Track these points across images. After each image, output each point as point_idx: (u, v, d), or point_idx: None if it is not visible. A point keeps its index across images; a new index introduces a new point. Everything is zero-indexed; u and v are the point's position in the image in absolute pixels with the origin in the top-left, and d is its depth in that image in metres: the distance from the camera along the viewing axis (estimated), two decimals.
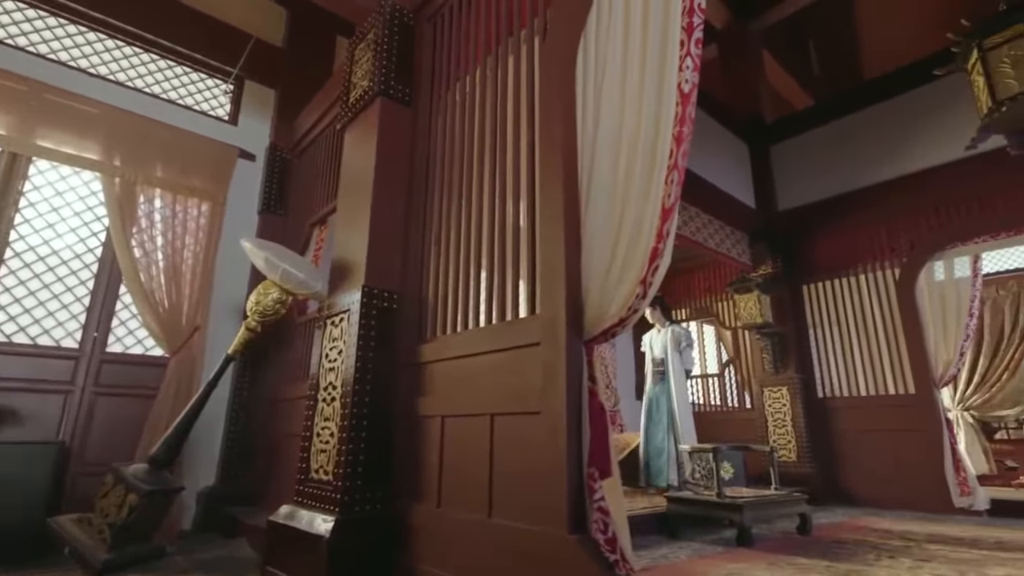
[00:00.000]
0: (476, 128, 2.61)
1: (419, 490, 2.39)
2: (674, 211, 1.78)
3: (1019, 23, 3.05)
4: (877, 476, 4.74)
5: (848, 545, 3.17)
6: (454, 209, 2.63)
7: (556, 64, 2.17)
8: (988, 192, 4.49)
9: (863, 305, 5.08)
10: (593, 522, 1.70)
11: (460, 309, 2.44)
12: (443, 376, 2.42)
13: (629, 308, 1.82)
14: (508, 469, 1.99)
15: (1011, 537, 3.33)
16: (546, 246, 2.01)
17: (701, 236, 5.25)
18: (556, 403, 1.82)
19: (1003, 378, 5.54)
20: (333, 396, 2.60)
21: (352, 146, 3.13)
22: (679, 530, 3.58)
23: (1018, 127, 3.26)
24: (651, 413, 4.61)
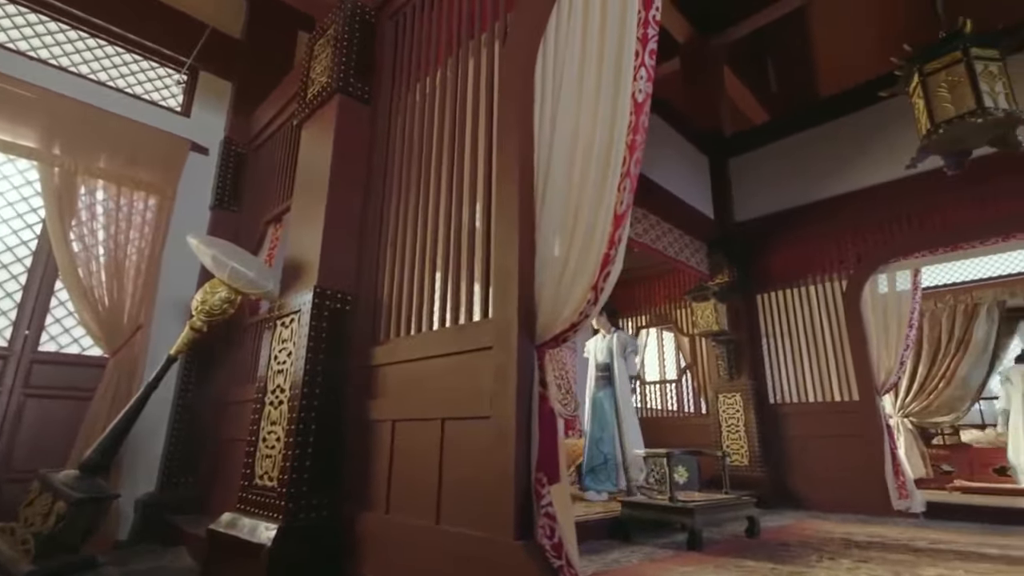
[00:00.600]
0: (435, 129, 2.58)
1: (368, 496, 2.33)
2: (626, 218, 1.80)
3: (956, 51, 3.23)
4: (823, 480, 4.91)
5: (793, 547, 3.26)
6: (411, 210, 2.59)
7: (515, 68, 2.17)
8: (928, 210, 4.74)
9: (813, 315, 5.27)
10: (540, 527, 1.69)
11: (414, 312, 2.41)
12: (395, 379, 2.38)
13: (580, 313, 1.82)
14: (457, 474, 1.97)
15: (943, 538, 3.49)
16: (500, 250, 2.00)
17: (661, 244, 5.35)
18: (506, 408, 1.80)
19: (940, 386, 5.84)
20: (281, 399, 2.52)
21: (309, 143, 3.06)
22: (633, 534, 3.62)
23: (954, 149, 3.46)
24: (596, 418, 4.61)
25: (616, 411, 4.52)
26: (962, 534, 3.66)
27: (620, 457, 4.38)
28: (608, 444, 4.41)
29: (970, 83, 3.13)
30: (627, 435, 4.45)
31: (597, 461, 4.39)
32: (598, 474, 4.37)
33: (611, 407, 4.53)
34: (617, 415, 4.51)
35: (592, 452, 4.44)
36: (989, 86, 3.12)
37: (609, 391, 4.61)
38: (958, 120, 3.14)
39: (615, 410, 4.52)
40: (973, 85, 3.12)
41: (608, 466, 4.35)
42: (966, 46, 3.18)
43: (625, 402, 4.58)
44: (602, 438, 4.44)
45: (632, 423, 4.56)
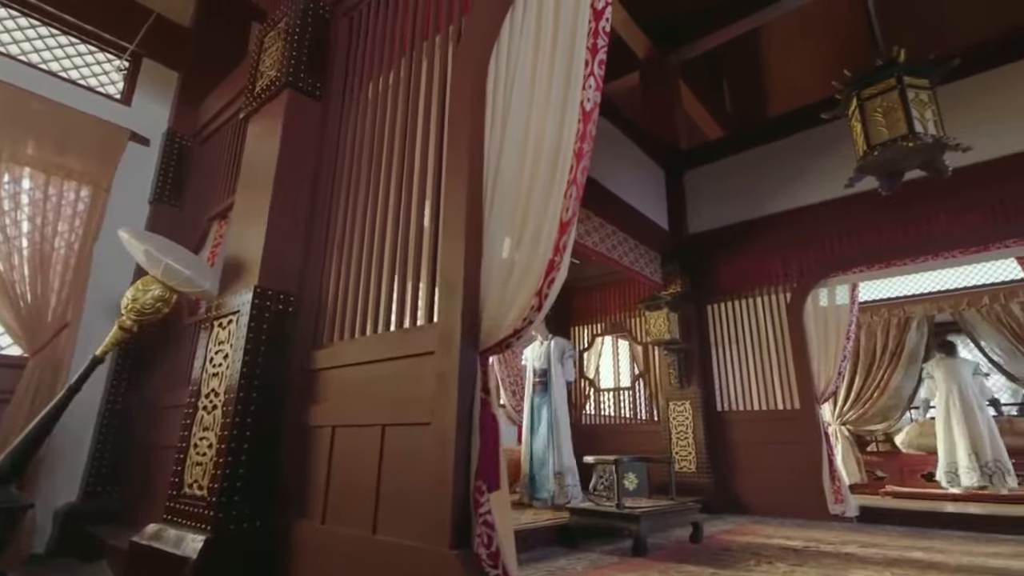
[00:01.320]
0: (386, 130, 2.53)
1: (304, 505, 2.24)
2: (572, 225, 1.81)
3: (890, 78, 3.42)
4: (765, 485, 5.07)
5: (734, 551, 3.34)
6: (359, 211, 2.53)
7: (467, 71, 2.16)
8: (865, 228, 4.99)
9: (759, 325, 5.45)
10: (477, 536, 1.66)
11: (359, 314, 2.34)
12: (337, 384, 2.31)
13: (524, 319, 1.81)
14: (396, 482, 1.92)
15: (874, 541, 3.66)
16: (447, 254, 1.97)
17: (617, 253, 5.44)
18: (447, 414, 1.77)
19: (874, 396, 6.14)
20: (215, 404, 2.40)
21: (255, 137, 2.95)
22: (580, 541, 3.63)
23: (887, 171, 3.65)
24: (533, 425, 4.56)
25: (552, 418, 4.48)
26: (891, 537, 3.84)
27: (554, 464, 4.34)
28: (546, 451, 4.39)
29: (903, 109, 3.31)
30: (562, 441, 4.43)
31: (536, 468, 4.37)
32: (537, 481, 4.34)
33: (548, 414, 4.50)
34: (553, 421, 4.47)
35: (533, 459, 4.42)
36: (920, 113, 3.31)
37: (546, 397, 4.58)
38: (891, 144, 3.32)
39: (551, 417, 4.48)
40: (905, 111, 3.30)
41: (544, 473, 4.32)
42: (900, 74, 3.36)
43: (561, 409, 4.56)
44: (540, 445, 4.42)
45: (565, 430, 4.53)
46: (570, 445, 4.51)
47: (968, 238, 4.46)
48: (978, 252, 4.50)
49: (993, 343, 5.62)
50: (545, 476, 4.29)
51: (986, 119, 4.42)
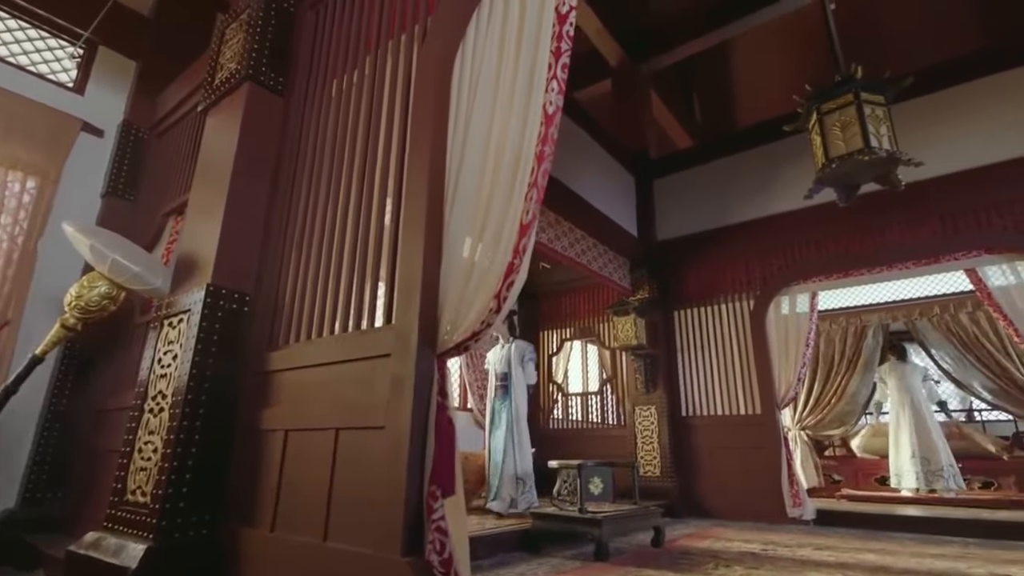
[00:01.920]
0: (349, 128, 2.49)
1: (254, 512, 2.17)
2: (531, 228, 1.80)
3: (848, 94, 3.53)
4: (727, 489, 5.15)
5: (694, 555, 3.38)
6: (319, 210, 2.47)
7: (432, 71, 2.13)
8: (825, 238, 5.13)
9: (724, 332, 5.55)
10: (430, 543, 1.63)
11: (316, 315, 2.28)
12: (291, 387, 2.24)
13: (483, 322, 1.79)
14: (349, 488, 1.86)
15: (828, 544, 3.74)
16: (406, 254, 1.94)
17: (586, 258, 5.46)
18: (401, 418, 1.73)
19: (832, 401, 6.32)
20: (162, 406, 2.30)
21: (213, 131, 2.85)
22: (542, 546, 3.61)
23: (844, 183, 3.77)
24: (493, 429, 4.43)
25: (511, 422, 4.36)
26: (845, 540, 3.94)
27: (513, 469, 4.23)
28: (505, 456, 4.28)
29: (859, 124, 3.42)
30: (521, 446, 4.31)
31: (497, 473, 4.26)
32: (494, 488, 4.22)
33: (507, 418, 4.37)
34: (512, 426, 4.35)
35: (493, 464, 4.30)
36: (875, 128, 3.42)
37: (506, 401, 4.44)
38: (848, 157, 3.42)
39: (510, 421, 4.36)
40: (862, 126, 3.41)
41: (504, 479, 4.20)
42: (857, 90, 3.47)
43: (521, 413, 4.43)
44: (500, 449, 4.30)
45: (525, 435, 4.42)
46: (529, 450, 4.42)
47: (920, 250, 4.64)
48: (929, 264, 4.67)
49: (943, 351, 5.86)
50: (504, 481, 4.19)
51: (937, 137, 4.62)
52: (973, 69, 4.66)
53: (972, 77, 4.65)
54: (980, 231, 4.43)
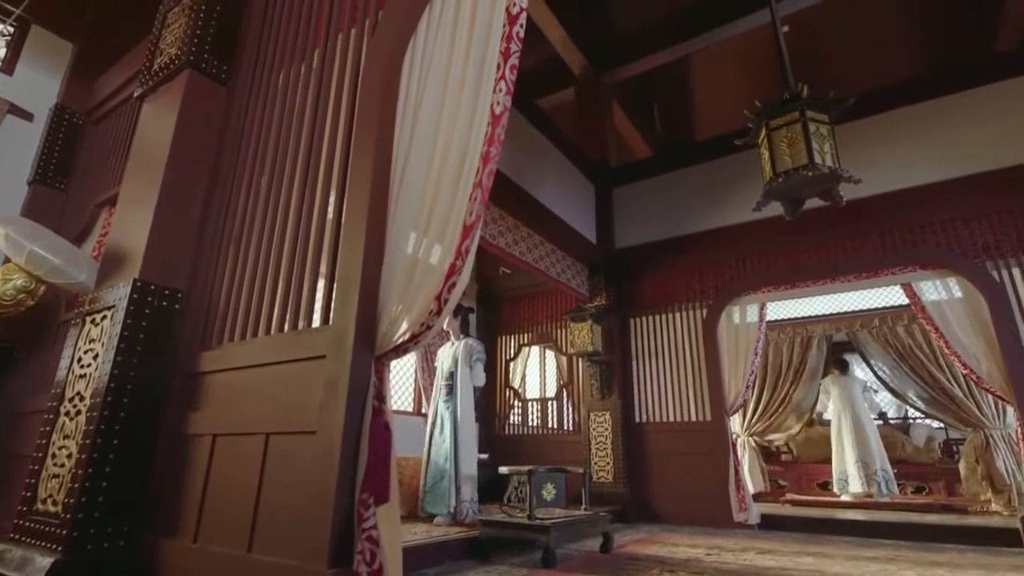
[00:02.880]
0: (294, 121, 2.40)
1: (176, 522, 2.04)
2: (474, 229, 1.76)
3: (795, 111, 3.66)
4: (678, 495, 5.23)
5: (640, 561, 3.39)
6: (260, 205, 2.37)
7: (381, 66, 2.08)
8: (774, 251, 5.30)
9: (677, 340, 5.65)
10: (359, 553, 1.56)
11: (252, 315, 2.18)
12: (222, 389, 2.13)
13: (423, 324, 1.74)
14: (278, 496, 1.78)
15: (770, 547, 3.84)
16: (347, 252, 1.87)
17: (544, 264, 5.47)
18: (333, 422, 1.66)
19: (779, 409, 6.52)
20: (79, 409, 2.14)
21: (149, 118, 2.71)
22: (491, 553, 3.56)
23: (790, 197, 3.90)
24: (435, 432, 4.18)
25: (455, 424, 4.14)
26: (786, 543, 4.05)
27: (453, 475, 4.03)
28: (447, 460, 4.07)
29: (804, 140, 3.55)
30: (463, 451, 4.08)
31: (436, 479, 4.03)
32: (436, 494, 4.00)
33: (451, 421, 4.15)
34: (455, 429, 4.13)
35: (432, 469, 4.06)
36: (819, 145, 3.56)
37: (450, 403, 4.20)
38: (794, 172, 3.54)
39: (454, 423, 4.14)
40: (807, 142, 3.53)
41: (443, 484, 3.99)
42: (803, 108, 3.60)
43: (465, 415, 4.19)
44: (441, 453, 4.08)
45: (470, 439, 4.19)
46: (475, 455, 4.23)
47: (861, 264, 4.85)
48: (870, 277, 4.89)
49: (881, 361, 6.15)
50: (445, 488, 3.97)
51: (877, 157, 4.85)
52: (910, 95, 4.93)
53: (908, 102, 4.92)
54: (916, 248, 4.66)
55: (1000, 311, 4.17)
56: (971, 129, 4.60)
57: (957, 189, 4.52)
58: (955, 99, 4.74)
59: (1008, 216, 4.38)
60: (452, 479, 4.01)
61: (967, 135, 4.60)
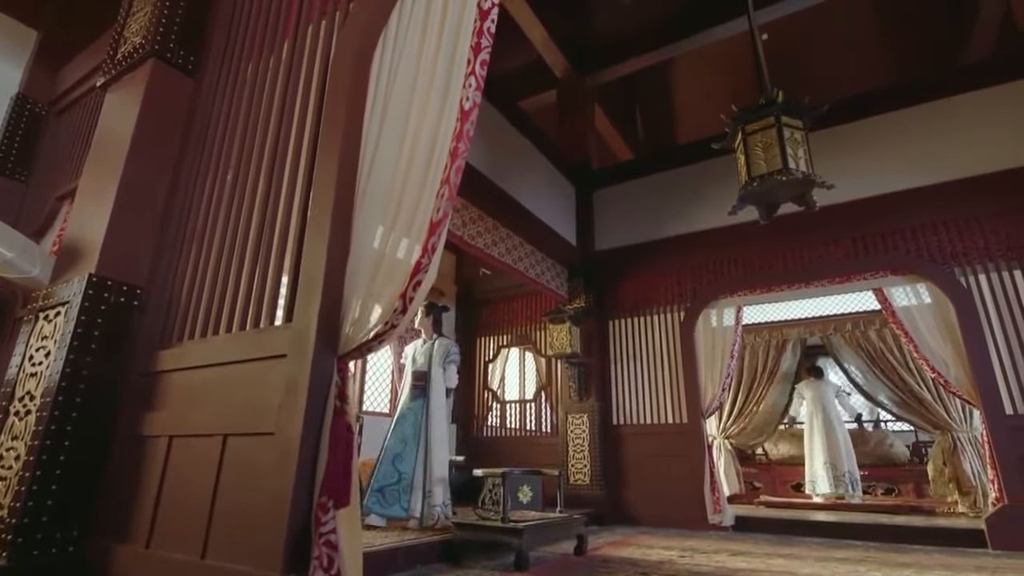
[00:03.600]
0: (262, 114, 2.34)
1: (129, 527, 1.96)
2: (441, 226, 1.73)
3: (770, 116, 3.69)
4: (654, 497, 5.23)
5: (614, 563, 3.38)
6: (225, 199, 2.30)
7: (351, 58, 2.03)
8: (750, 255, 5.35)
9: (655, 342, 5.67)
10: (316, 559, 1.51)
11: (214, 312, 2.11)
12: (180, 389, 2.06)
13: (387, 323, 1.70)
14: (234, 499, 1.72)
15: (742, 549, 3.85)
16: (311, 248, 1.82)
17: (523, 265, 5.44)
18: (292, 424, 1.61)
19: (754, 411, 6.59)
20: (28, 409, 2.06)
21: (112, 108, 2.62)
22: (464, 557, 3.52)
23: (765, 201, 3.94)
24: (398, 431, 4.00)
25: (426, 425, 4.00)
26: (759, 545, 4.07)
27: (421, 478, 3.88)
28: (407, 462, 3.89)
29: (779, 146, 3.58)
30: (434, 453, 3.95)
31: (390, 480, 3.83)
32: (387, 495, 3.80)
33: (419, 420, 4.01)
34: (427, 430, 4.00)
35: (386, 469, 3.85)
36: (793, 151, 3.59)
37: (421, 402, 4.06)
38: (768, 176, 3.57)
39: (425, 424, 4.00)
40: (781, 148, 3.57)
41: (401, 487, 3.82)
42: (778, 113, 3.64)
43: (438, 417, 4.07)
44: (401, 454, 3.90)
45: (443, 440, 4.06)
46: (447, 457, 4.11)
47: (835, 268, 4.92)
48: (843, 282, 4.96)
49: (853, 364, 6.25)
50: (402, 490, 3.81)
51: (851, 164, 4.93)
52: (883, 104, 5.03)
53: (881, 111, 5.01)
54: (887, 253, 4.74)
55: (967, 316, 4.26)
56: (941, 138, 4.71)
57: (927, 196, 4.61)
58: (926, 109, 4.85)
59: (976, 223, 4.48)
60: (415, 482, 3.86)
61: (937, 144, 4.70)
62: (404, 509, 3.80)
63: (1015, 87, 4.54)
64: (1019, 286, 4.19)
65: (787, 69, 6.52)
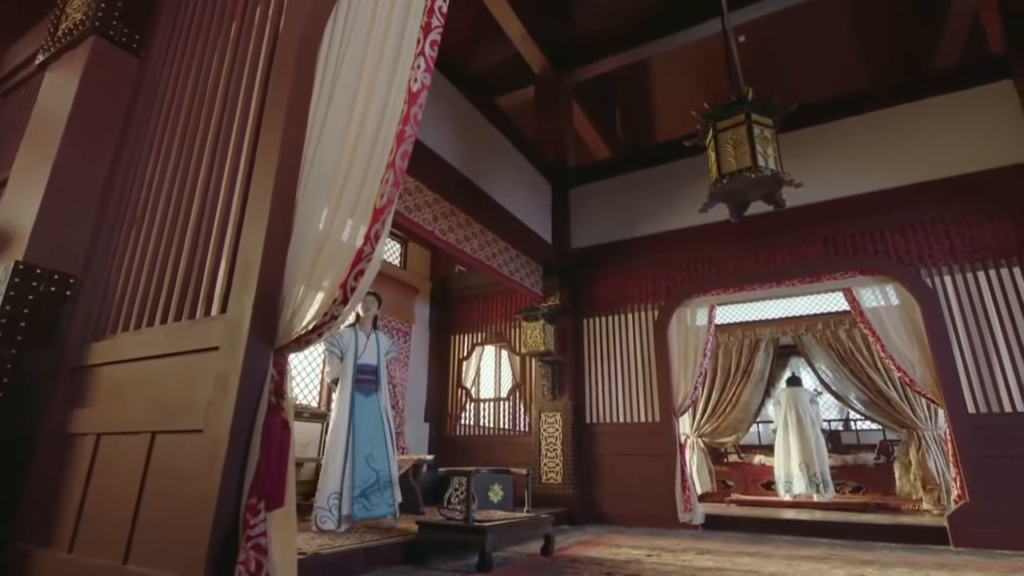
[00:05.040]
0: (207, 93, 2.22)
1: (54, 530, 1.84)
2: (385, 213, 1.65)
3: (740, 113, 3.67)
4: (626, 496, 5.21)
5: (580, 563, 3.33)
6: (166, 184, 2.19)
7: (299, 31, 1.92)
8: (723, 255, 5.36)
9: (629, 341, 5.64)
10: (242, 563, 1.42)
11: (150, 302, 1.99)
12: (110, 384, 1.94)
13: (327, 315, 1.61)
14: (160, 500, 1.61)
15: (710, 548, 3.83)
16: (250, 232, 1.72)
17: (496, 262, 5.37)
18: (222, 420, 1.51)
19: (727, 410, 6.62)
20: None
21: (51, 89, 2.48)
22: (428, 558, 3.43)
23: (736, 199, 3.92)
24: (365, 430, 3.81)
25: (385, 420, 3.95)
26: (728, 543, 4.06)
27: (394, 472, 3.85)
28: (380, 460, 3.82)
29: (749, 143, 3.56)
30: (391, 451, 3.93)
31: (369, 481, 3.72)
32: (371, 498, 3.70)
33: (379, 416, 3.92)
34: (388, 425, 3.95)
35: (363, 472, 3.71)
36: (763, 148, 3.58)
37: (375, 397, 3.96)
38: (738, 173, 3.55)
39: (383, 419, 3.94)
40: (751, 145, 3.55)
41: (380, 485, 3.77)
42: (748, 111, 3.62)
43: (390, 412, 4.04)
44: (373, 453, 3.79)
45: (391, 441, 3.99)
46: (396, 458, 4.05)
47: (805, 269, 4.94)
48: (813, 282, 4.99)
49: (823, 364, 6.32)
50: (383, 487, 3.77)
51: (823, 166, 4.96)
52: (854, 107, 5.07)
53: (852, 114, 5.05)
54: (856, 254, 4.78)
55: (932, 316, 4.31)
56: (910, 141, 4.76)
57: (896, 198, 4.65)
58: (896, 112, 4.90)
59: (942, 225, 4.54)
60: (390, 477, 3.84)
61: (907, 147, 4.75)
62: (389, 506, 3.78)
63: (981, 92, 4.61)
64: (983, 287, 4.25)
65: (763, 72, 6.56)
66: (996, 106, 4.49)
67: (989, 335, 4.13)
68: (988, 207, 4.38)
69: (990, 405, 4.01)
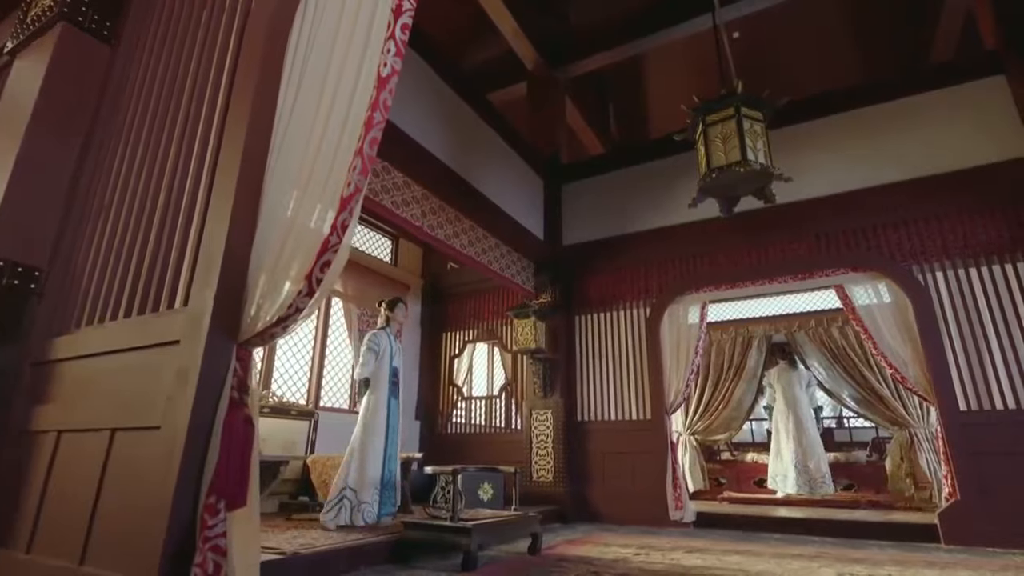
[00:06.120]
0: (178, 80, 2.16)
1: (12, 530, 1.78)
2: (352, 202, 1.59)
3: (730, 107, 3.62)
4: (617, 494, 5.16)
5: (568, 562, 3.28)
6: (134, 174, 2.12)
7: (268, 20, 1.87)
8: (715, 251, 5.31)
9: (621, 338, 5.59)
10: (198, 565, 1.36)
11: (115, 295, 1.93)
12: (72, 379, 1.88)
13: (291, 307, 1.55)
14: (117, 499, 1.55)
15: (699, 546, 3.79)
16: (214, 220, 1.66)
17: (487, 258, 5.31)
18: (179, 416, 1.46)
19: (720, 407, 6.58)
20: None
21: (19, 76, 2.42)
22: (413, 557, 3.38)
23: (725, 194, 3.87)
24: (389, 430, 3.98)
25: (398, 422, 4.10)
26: (718, 542, 4.02)
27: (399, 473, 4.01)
28: (394, 460, 4.01)
29: (738, 137, 3.51)
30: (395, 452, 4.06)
31: (389, 481, 3.93)
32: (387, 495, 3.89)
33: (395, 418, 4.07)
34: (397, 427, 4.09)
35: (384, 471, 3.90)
36: (752, 142, 3.53)
37: (396, 401, 4.12)
38: (727, 168, 3.50)
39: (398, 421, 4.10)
40: (740, 139, 3.50)
41: (391, 483, 3.94)
42: (738, 105, 3.57)
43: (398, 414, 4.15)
44: (392, 455, 4.00)
45: None
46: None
47: (797, 265, 4.90)
48: (804, 278, 4.95)
49: (815, 361, 6.28)
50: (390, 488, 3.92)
51: (815, 162, 4.92)
52: (847, 103, 5.02)
53: (845, 109, 5.01)
54: (848, 251, 4.74)
55: (924, 313, 4.27)
56: (904, 137, 4.71)
57: (889, 195, 4.61)
58: (889, 108, 4.85)
59: (935, 222, 4.50)
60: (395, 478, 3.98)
61: (900, 143, 4.71)
62: (394, 505, 3.92)
63: (973, 87, 4.56)
64: (975, 284, 4.21)
65: (756, 68, 6.50)
66: (988, 102, 4.45)
67: (981, 332, 4.09)
68: (980, 203, 4.34)
69: (981, 403, 3.97)
